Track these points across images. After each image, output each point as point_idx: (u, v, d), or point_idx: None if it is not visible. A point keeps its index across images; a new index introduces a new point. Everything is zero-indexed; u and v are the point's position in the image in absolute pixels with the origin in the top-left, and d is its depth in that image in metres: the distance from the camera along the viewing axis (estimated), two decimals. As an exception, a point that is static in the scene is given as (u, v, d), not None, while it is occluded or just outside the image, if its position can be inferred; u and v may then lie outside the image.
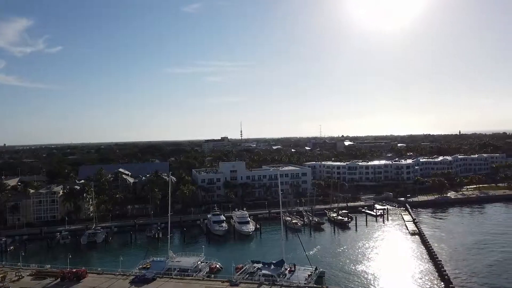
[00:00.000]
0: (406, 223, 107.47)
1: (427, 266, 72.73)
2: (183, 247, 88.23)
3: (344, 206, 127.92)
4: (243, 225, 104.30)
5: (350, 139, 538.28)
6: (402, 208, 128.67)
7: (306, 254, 71.58)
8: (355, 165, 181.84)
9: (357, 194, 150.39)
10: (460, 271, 69.63)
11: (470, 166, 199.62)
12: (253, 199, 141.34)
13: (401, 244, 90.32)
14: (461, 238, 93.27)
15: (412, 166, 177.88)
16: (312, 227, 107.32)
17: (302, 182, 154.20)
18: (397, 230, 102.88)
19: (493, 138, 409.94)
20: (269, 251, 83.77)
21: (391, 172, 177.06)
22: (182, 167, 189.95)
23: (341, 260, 78.86)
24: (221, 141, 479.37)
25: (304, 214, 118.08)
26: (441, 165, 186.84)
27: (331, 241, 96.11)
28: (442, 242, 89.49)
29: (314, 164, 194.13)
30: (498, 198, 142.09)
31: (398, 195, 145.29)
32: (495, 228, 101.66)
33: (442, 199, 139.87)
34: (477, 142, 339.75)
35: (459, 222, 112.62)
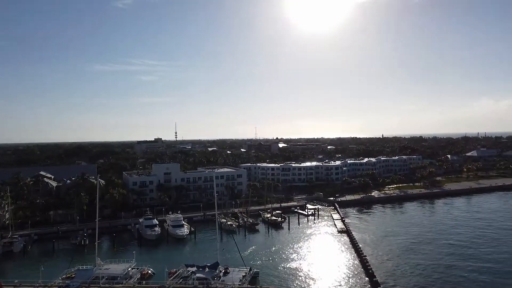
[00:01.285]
0: (335, 221, 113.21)
1: (354, 262, 77.29)
2: (113, 253, 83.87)
3: (278, 206, 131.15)
4: (177, 229, 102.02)
5: (284, 142, 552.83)
6: (331, 207, 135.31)
7: (240, 255, 72.12)
8: (289, 166, 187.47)
9: (290, 194, 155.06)
10: (383, 265, 75.04)
11: (392, 167, 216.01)
12: (188, 201, 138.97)
13: (330, 241, 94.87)
14: (384, 234, 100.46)
15: (340, 167, 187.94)
16: (247, 228, 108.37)
17: (238, 183, 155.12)
18: (327, 228, 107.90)
19: (411, 142, 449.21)
20: (204, 254, 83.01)
21: (322, 173, 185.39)
22: (112, 170, 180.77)
23: (275, 259, 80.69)
24: (154, 143, 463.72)
25: (239, 216, 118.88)
26: (366, 166, 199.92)
27: (265, 241, 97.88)
28: (367, 238, 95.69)
29: (249, 166, 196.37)
30: (415, 196, 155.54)
31: (328, 195, 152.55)
32: (412, 224, 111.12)
33: (367, 198, 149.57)
34: (397, 145, 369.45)
35: (382, 219, 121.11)
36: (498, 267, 72.62)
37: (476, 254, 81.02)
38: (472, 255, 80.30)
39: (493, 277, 67.84)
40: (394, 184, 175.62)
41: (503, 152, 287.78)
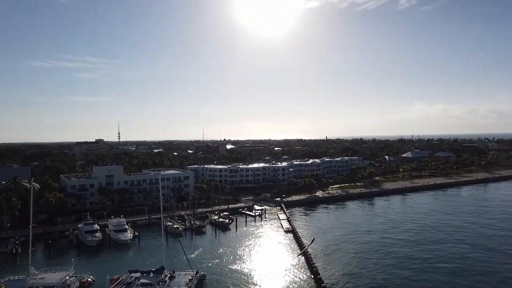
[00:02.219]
0: (281, 221, 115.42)
1: (299, 261, 79.32)
2: (49, 262, 78.65)
3: (226, 208, 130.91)
4: (119, 233, 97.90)
5: (232, 143, 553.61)
6: (278, 208, 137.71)
7: (187, 259, 70.99)
8: (236, 168, 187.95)
9: (238, 196, 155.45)
10: (327, 263, 77.79)
11: (335, 168, 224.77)
12: (132, 205, 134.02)
13: (276, 241, 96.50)
14: (327, 232, 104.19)
15: (287, 169, 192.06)
16: (194, 231, 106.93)
17: (185, 185, 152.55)
18: (273, 229, 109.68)
19: (353, 143, 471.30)
20: (149, 259, 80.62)
21: (269, 174, 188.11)
22: (48, 173, 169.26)
23: (222, 261, 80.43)
24: (95, 144, 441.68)
25: (186, 218, 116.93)
26: (311, 167, 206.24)
27: (212, 243, 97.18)
28: (312, 236, 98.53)
29: (196, 168, 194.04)
30: (356, 195, 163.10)
31: (275, 195, 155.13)
32: (354, 222, 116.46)
33: (312, 198, 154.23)
34: (340, 146, 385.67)
35: (326, 218, 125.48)
36: (426, 259, 78.47)
37: (409, 249, 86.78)
38: (406, 249, 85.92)
39: (419, 269, 73.15)
40: (337, 184, 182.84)
41: (434, 153, 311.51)
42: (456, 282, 66.19)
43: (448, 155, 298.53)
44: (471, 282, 66.00)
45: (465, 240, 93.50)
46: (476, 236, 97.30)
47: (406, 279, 67.93)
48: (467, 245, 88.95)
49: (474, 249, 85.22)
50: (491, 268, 72.66)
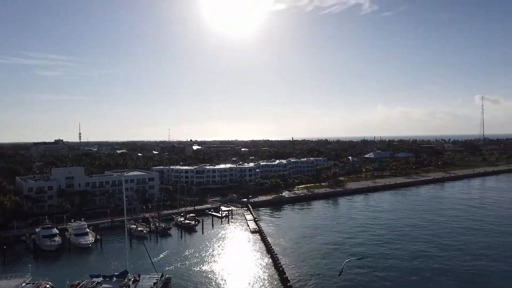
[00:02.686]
0: (248, 222, 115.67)
1: (266, 260, 79.84)
2: (3, 268, 74.53)
3: (192, 209, 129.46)
4: (80, 237, 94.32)
5: (199, 144, 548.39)
6: (245, 208, 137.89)
7: (151, 262, 69.50)
8: (203, 168, 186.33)
9: (204, 197, 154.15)
10: (293, 262, 78.80)
11: (301, 168, 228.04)
12: (94, 207, 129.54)
13: (243, 242, 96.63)
14: (293, 231, 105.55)
15: (254, 169, 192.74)
16: (159, 233, 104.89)
17: (149, 187, 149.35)
18: (240, 229, 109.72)
19: (318, 144, 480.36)
20: (112, 263, 78.27)
21: (236, 175, 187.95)
22: (2, 175, 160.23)
23: (188, 263, 79.47)
24: (54, 144, 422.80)
25: (151, 221, 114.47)
26: (278, 168, 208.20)
27: (178, 245, 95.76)
28: (278, 236, 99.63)
29: (162, 169, 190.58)
30: (321, 195, 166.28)
31: (242, 196, 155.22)
32: (320, 222, 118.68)
33: (278, 198, 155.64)
34: (306, 147, 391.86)
35: (292, 217, 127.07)
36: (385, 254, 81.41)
37: (372, 247, 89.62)
38: (370, 248, 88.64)
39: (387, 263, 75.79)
40: (303, 184, 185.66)
41: (395, 154, 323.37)
42: (414, 278, 69.06)
43: (408, 155, 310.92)
44: (428, 276, 69.06)
45: (422, 237, 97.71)
46: (433, 233, 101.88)
47: (371, 277, 70.01)
48: (425, 242, 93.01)
49: (431, 246, 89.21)
50: (447, 264, 76.40)
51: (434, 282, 66.79)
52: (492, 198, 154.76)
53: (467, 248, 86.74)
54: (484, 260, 77.81)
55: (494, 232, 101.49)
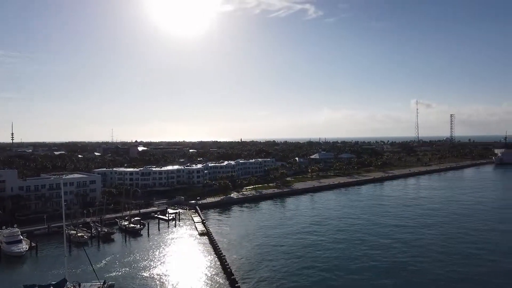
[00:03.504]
0: (196, 224, 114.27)
1: (214, 262, 79.40)
2: None
3: (137, 213, 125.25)
4: (13, 245, 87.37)
5: (144, 145, 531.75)
6: (192, 211, 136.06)
7: (93, 268, 66.22)
8: (149, 170, 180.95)
9: (150, 199, 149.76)
10: (241, 263, 79.14)
11: (249, 169, 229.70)
12: (28, 213, 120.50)
13: (190, 245, 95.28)
14: (241, 232, 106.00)
15: (202, 171, 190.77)
16: (101, 239, 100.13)
17: (91, 190, 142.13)
18: (188, 232, 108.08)
19: (266, 145, 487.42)
20: (49, 272, 73.37)
21: (184, 176, 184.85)
22: None
23: (133, 268, 76.74)
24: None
25: (92, 226, 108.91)
26: (226, 169, 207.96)
27: (122, 250, 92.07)
28: (227, 238, 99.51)
29: (104, 171, 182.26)
30: (269, 196, 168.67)
31: (190, 198, 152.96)
32: (267, 222, 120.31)
33: (227, 200, 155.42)
34: (254, 148, 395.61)
35: (240, 218, 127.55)
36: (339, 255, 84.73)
37: (319, 247, 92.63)
38: (317, 248, 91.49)
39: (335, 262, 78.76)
40: (251, 185, 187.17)
41: (338, 155, 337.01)
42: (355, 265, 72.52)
43: (350, 156, 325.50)
44: (366, 271, 72.87)
45: (361, 236, 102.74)
46: (373, 231, 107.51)
47: (315, 277, 72.28)
48: (363, 240, 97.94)
49: (372, 244, 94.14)
50: (383, 259, 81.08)
51: (374, 272, 70.62)
52: (425, 196, 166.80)
53: (402, 242, 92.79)
54: (413, 250, 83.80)
55: (424, 226, 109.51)
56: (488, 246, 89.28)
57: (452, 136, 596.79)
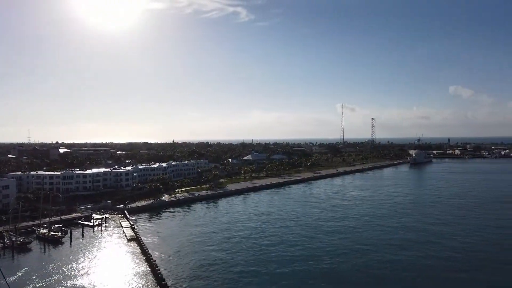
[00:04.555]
0: (124, 229, 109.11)
1: (143, 268, 76.47)
2: None
3: (58, 220, 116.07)
4: None
5: (66, 146, 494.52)
6: (121, 215, 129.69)
7: (6, 282, 59.90)
8: (71, 174, 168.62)
9: (73, 205, 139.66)
10: (172, 268, 77.28)
11: (181, 171, 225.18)
12: None
13: (118, 251, 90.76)
14: (173, 236, 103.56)
15: (131, 173, 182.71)
16: (15, 249, 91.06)
17: (3, 196, 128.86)
18: (115, 238, 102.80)
19: (199, 147, 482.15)
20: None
21: (111, 179, 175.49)
22: None
23: (52, 280, 70.92)
24: None
25: (5, 235, 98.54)
26: (157, 171, 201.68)
27: (40, 261, 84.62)
28: (157, 242, 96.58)
29: (20, 175, 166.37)
30: (202, 198, 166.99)
31: (118, 202, 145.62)
32: (200, 224, 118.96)
33: (158, 203, 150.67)
34: (187, 150, 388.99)
35: (172, 222, 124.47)
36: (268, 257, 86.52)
37: (249, 250, 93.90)
38: (248, 250, 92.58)
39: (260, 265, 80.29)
40: (184, 187, 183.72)
41: (270, 156, 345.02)
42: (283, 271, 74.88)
43: (282, 157, 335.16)
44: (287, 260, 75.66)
45: (293, 232, 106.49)
46: (303, 227, 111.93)
47: (248, 278, 73.14)
48: (297, 235, 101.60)
49: (305, 240, 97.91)
50: (313, 254, 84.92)
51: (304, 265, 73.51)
52: (350, 194, 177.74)
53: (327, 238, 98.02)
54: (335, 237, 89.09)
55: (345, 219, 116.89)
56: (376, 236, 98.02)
57: (373, 138, 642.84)
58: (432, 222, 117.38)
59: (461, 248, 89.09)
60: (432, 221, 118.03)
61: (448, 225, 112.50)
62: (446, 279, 69.79)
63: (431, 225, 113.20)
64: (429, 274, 72.25)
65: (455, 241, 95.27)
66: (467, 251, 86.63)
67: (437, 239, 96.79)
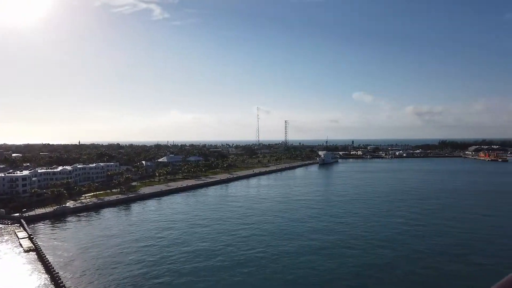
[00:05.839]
0: (21, 240, 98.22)
1: (44, 281, 69.84)
2: None
3: None
4: None
5: None
6: (16, 225, 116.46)
7: None
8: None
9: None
10: (76, 279, 71.67)
11: (89, 174, 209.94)
12: None
13: (13, 264, 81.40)
14: (77, 245, 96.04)
15: (29, 178, 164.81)
16: None
17: None
18: (10, 250, 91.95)
19: (109, 149, 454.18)
20: None
21: (4, 185, 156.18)
22: None
23: None
24: None
25: None
26: (61, 175, 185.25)
27: None
28: (60, 252, 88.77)
29: None
30: (112, 202, 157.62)
31: (12, 210, 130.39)
32: (109, 231, 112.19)
33: (61, 210, 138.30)
34: (95, 152, 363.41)
35: (77, 230, 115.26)
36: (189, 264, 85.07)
37: (166, 256, 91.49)
38: (163, 256, 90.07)
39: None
40: (92, 192, 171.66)
41: (186, 157, 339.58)
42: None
43: (198, 159, 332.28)
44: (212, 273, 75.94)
45: (210, 237, 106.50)
46: (220, 231, 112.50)
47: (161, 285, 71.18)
48: (212, 241, 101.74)
49: (216, 245, 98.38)
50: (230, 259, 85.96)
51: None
52: (265, 194, 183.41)
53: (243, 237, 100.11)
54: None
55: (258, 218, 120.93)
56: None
57: (286, 140, 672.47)
58: (336, 215, 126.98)
59: (361, 236, 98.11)
60: (337, 214, 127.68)
61: (355, 217, 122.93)
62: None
63: (336, 217, 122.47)
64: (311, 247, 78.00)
65: (358, 228, 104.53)
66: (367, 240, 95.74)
67: (341, 228, 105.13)
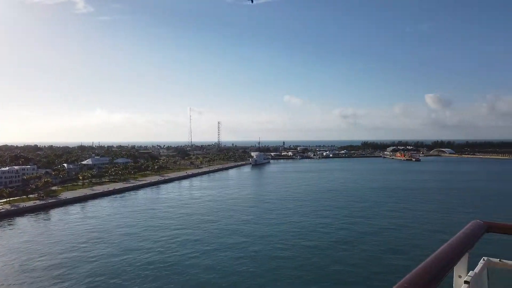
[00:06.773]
0: None
1: None
2: None
3: None
4: None
5: None
6: None
7: None
8: None
9: None
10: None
11: (1, 179, 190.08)
12: None
13: None
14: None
15: None
16: None
17: None
18: None
19: (25, 151, 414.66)
20: None
21: None
22: None
23: None
24: None
25: None
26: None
27: None
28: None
29: None
30: (29, 209, 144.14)
31: None
32: (23, 243, 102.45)
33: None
34: (8, 154, 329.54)
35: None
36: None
37: (104, 262, 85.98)
38: (98, 263, 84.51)
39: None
40: (4, 198, 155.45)
41: (114, 159, 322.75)
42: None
43: (127, 161, 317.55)
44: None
45: (146, 243, 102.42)
46: (141, 238, 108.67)
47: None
48: (156, 246, 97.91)
49: (161, 252, 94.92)
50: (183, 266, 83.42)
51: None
52: (196, 196, 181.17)
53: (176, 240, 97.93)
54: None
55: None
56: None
57: (219, 141, 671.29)
58: (269, 211, 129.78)
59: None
60: (270, 211, 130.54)
61: (288, 214, 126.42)
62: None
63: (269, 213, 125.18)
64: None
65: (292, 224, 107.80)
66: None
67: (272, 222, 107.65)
